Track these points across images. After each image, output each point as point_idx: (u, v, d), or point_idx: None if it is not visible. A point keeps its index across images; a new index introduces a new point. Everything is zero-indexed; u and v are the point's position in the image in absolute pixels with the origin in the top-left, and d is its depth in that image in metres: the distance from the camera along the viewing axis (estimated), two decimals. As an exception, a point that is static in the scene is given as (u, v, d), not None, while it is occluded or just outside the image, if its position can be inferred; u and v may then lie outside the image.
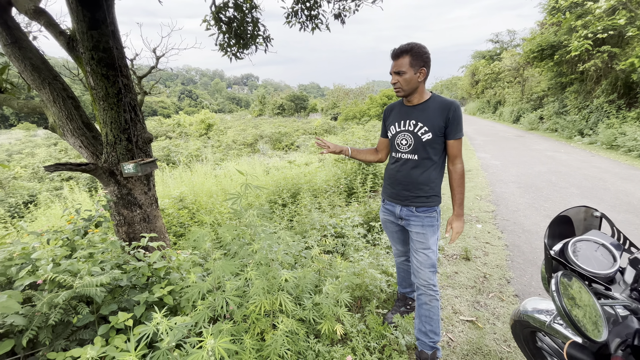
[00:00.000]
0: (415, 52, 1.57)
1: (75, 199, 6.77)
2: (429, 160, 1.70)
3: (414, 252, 1.81)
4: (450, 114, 1.61)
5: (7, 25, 2.72)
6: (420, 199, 1.74)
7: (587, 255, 0.90)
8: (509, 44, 31.58)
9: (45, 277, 1.35)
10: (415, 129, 1.68)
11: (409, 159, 1.73)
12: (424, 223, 1.75)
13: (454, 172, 1.71)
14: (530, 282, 2.67)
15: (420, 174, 1.72)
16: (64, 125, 2.95)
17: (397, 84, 1.64)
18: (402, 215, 1.82)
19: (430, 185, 1.73)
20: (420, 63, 1.59)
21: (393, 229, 1.98)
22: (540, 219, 4.06)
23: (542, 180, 6.01)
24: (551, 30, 13.64)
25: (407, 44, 1.60)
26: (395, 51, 1.62)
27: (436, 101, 1.66)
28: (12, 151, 17.52)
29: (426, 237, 1.75)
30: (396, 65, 1.61)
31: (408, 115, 1.71)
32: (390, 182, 1.86)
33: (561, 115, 14.00)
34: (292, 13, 4.30)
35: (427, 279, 1.77)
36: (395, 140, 1.77)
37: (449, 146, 1.68)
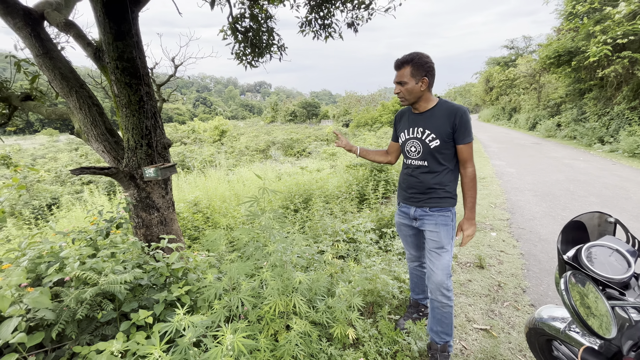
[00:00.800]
0: (416, 62, 1.60)
1: (95, 202, 7.02)
2: (440, 165, 1.73)
3: (428, 253, 1.82)
4: (457, 120, 1.62)
5: (39, 37, 2.90)
6: (433, 200, 1.77)
7: (601, 261, 0.90)
8: (524, 50, 31.13)
9: (73, 274, 1.43)
10: (422, 136, 1.71)
11: (419, 165, 1.77)
12: (438, 222, 1.77)
13: (464, 175, 1.73)
14: (547, 292, 2.61)
15: (432, 178, 1.75)
16: (88, 131, 3.10)
17: (400, 94, 1.69)
18: (417, 215, 1.85)
19: (444, 188, 1.75)
20: (422, 73, 1.62)
21: (407, 232, 1.99)
22: (557, 228, 3.96)
23: (560, 188, 5.86)
24: (568, 36, 13.38)
25: (409, 54, 1.64)
26: (397, 62, 1.66)
27: (442, 107, 1.68)
28: (36, 155, 18.33)
29: (439, 236, 1.76)
30: (398, 76, 1.66)
31: (415, 123, 1.75)
32: (404, 187, 1.90)
33: (580, 122, 13.63)
34: (306, 22, 4.41)
35: (440, 282, 1.75)
36: (405, 147, 1.81)
37: (459, 151, 1.70)
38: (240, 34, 4.16)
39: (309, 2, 4.24)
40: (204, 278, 1.86)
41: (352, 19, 4.48)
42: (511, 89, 26.98)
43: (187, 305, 1.54)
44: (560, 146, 12.07)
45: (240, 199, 6.13)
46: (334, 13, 4.41)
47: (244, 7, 4.11)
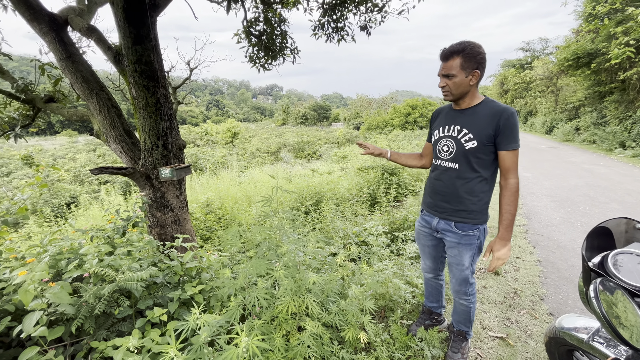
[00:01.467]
0: (467, 52, 1.41)
1: (111, 201, 7.21)
2: (473, 171, 1.53)
3: (449, 264, 1.76)
4: (502, 121, 1.43)
5: (63, 42, 3.01)
6: (460, 213, 1.58)
7: (629, 269, 0.86)
8: (541, 52, 30.46)
9: (92, 270, 1.46)
10: (458, 135, 1.54)
11: (449, 168, 1.59)
12: (461, 241, 1.61)
13: (504, 187, 1.51)
14: (566, 301, 2.52)
15: (462, 185, 1.56)
16: (107, 132, 3.19)
17: (446, 88, 1.50)
18: (439, 228, 1.70)
19: (473, 200, 1.55)
20: (473, 65, 1.43)
21: (426, 242, 1.85)
22: (577, 235, 3.83)
23: (579, 194, 5.68)
24: (588, 37, 13.03)
25: (459, 43, 1.44)
26: (444, 52, 1.46)
27: (487, 106, 1.50)
28: (56, 156, 19.01)
29: (461, 257, 1.64)
30: (445, 68, 1.46)
31: (454, 120, 1.58)
32: (429, 192, 1.74)
33: (600, 126, 13.21)
34: (319, 25, 4.43)
35: (459, 290, 1.76)
36: (437, 146, 1.64)
37: (501, 158, 1.50)
38: (254, 38, 4.22)
39: (322, 5, 4.26)
40: (217, 277, 1.88)
41: (365, 22, 4.48)
42: (527, 91, 26.43)
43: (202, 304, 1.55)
44: (579, 150, 11.71)
45: (251, 201, 6.19)
46: (347, 16, 4.42)
47: (258, 11, 4.16)
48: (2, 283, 1.50)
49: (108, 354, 1.34)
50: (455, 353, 1.89)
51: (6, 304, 1.40)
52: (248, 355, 0.91)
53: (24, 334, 1.15)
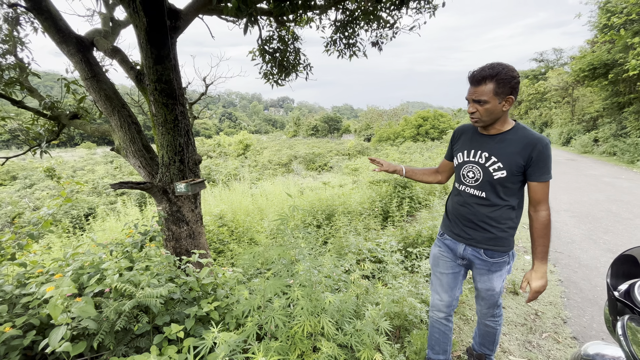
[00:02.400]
0: (502, 77, 1.30)
1: (127, 212, 7.39)
2: (500, 199, 1.46)
3: (476, 290, 1.68)
4: (535, 153, 1.34)
5: (89, 62, 3.18)
6: (489, 242, 1.51)
7: (660, 300, 0.83)
8: (555, 63, 30.10)
9: (114, 285, 1.50)
10: (486, 162, 1.44)
11: (474, 195, 1.51)
12: (492, 269, 1.54)
13: (535, 220, 1.44)
14: (591, 324, 2.41)
15: (489, 213, 1.48)
16: (127, 148, 3.30)
17: (476, 114, 1.39)
18: (466, 255, 1.60)
19: (502, 227, 1.48)
20: (507, 90, 1.32)
21: (446, 269, 1.69)
22: (600, 253, 3.68)
23: (600, 209, 5.48)
24: (604, 48, 12.84)
25: (491, 66, 1.32)
26: (475, 76, 1.35)
27: (519, 134, 1.40)
28: (76, 167, 19.73)
29: (491, 282, 1.57)
30: (476, 93, 1.35)
31: (480, 145, 1.48)
32: (453, 217, 1.62)
33: (620, 138, 12.82)
34: (331, 42, 4.53)
35: (488, 311, 1.71)
36: (462, 171, 1.55)
37: (531, 189, 1.42)
38: (268, 55, 4.34)
39: (335, 23, 4.37)
40: (232, 294, 1.89)
41: (376, 37, 4.55)
42: (541, 102, 26.03)
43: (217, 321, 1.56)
44: (599, 163, 11.36)
45: (263, 213, 6.23)
46: (359, 32, 4.50)
47: (272, 30, 4.30)
48: (29, 297, 1.55)
49: (126, 371, 1.36)
50: None
51: (32, 317, 1.45)
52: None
53: (49, 349, 1.19)
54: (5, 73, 3.56)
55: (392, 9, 4.05)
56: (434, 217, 4.33)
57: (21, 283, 1.67)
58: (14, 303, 1.56)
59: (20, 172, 17.76)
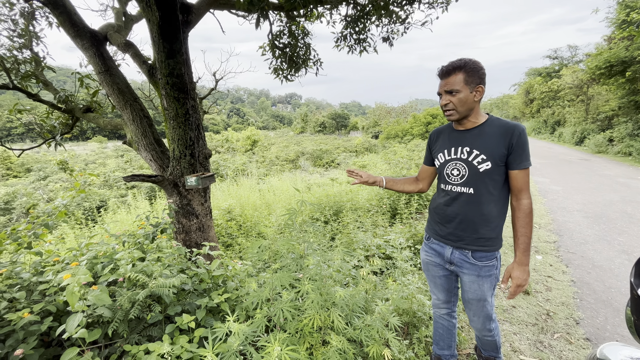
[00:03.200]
0: (469, 67, 1.36)
1: (138, 205, 7.51)
2: (489, 194, 1.44)
3: (466, 302, 1.61)
4: (514, 140, 1.36)
5: (102, 56, 3.21)
6: (478, 242, 1.48)
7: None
8: (569, 60, 29.33)
9: (127, 275, 1.53)
10: (469, 157, 1.44)
11: (462, 193, 1.48)
12: (481, 273, 1.50)
13: (518, 209, 1.42)
14: (605, 326, 2.36)
15: (477, 211, 1.46)
16: (139, 141, 3.34)
17: (449, 105, 1.41)
18: (454, 259, 1.56)
19: (490, 226, 1.46)
20: (477, 80, 1.37)
21: (437, 273, 1.68)
22: (614, 255, 3.60)
23: (615, 210, 5.35)
24: (621, 45, 12.45)
25: (459, 59, 1.39)
26: (444, 68, 1.40)
27: (495, 124, 1.42)
28: (88, 161, 20.11)
29: (482, 289, 1.52)
30: (448, 84, 1.39)
31: (460, 141, 1.48)
32: (439, 219, 1.59)
33: (636, 138, 12.47)
34: (341, 37, 4.49)
35: (482, 327, 1.64)
36: (445, 170, 1.53)
37: (512, 178, 1.41)
38: (278, 50, 4.33)
39: (345, 18, 4.33)
40: (242, 287, 1.91)
41: (387, 33, 4.50)
42: (554, 100, 25.45)
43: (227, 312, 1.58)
44: (613, 163, 11.07)
45: (271, 208, 6.27)
46: (370, 28, 4.45)
47: (283, 25, 4.28)
48: (45, 284, 1.59)
49: (140, 358, 1.38)
50: None
51: (48, 304, 1.48)
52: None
53: (66, 335, 1.22)
54: (22, 67, 3.63)
55: (404, 4, 3.99)
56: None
57: (37, 271, 1.71)
58: (31, 290, 1.60)
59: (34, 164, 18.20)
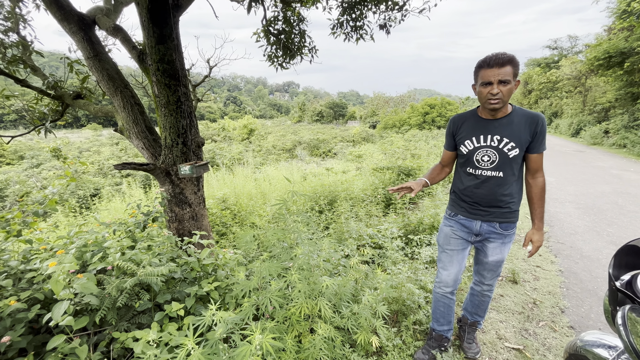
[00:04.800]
0: (516, 62, 1.49)
1: (132, 194, 7.47)
2: (513, 176, 1.64)
3: (486, 264, 1.81)
4: (539, 128, 1.55)
5: (91, 41, 3.13)
6: (504, 215, 1.69)
7: (661, 291, 0.82)
8: (569, 51, 29.11)
9: (115, 264, 1.53)
10: (500, 144, 1.59)
11: (492, 177, 1.65)
12: (505, 240, 1.74)
13: (535, 185, 1.67)
14: (589, 314, 2.42)
15: (505, 190, 1.65)
16: (130, 129, 3.29)
17: (499, 94, 1.49)
18: (482, 231, 1.75)
19: (514, 201, 1.68)
20: (517, 74, 1.52)
21: (457, 246, 1.82)
22: (602, 245, 3.66)
23: (606, 201, 5.41)
24: (621, 35, 12.36)
25: (504, 53, 1.49)
26: (501, 58, 1.46)
27: (520, 114, 1.58)
28: (82, 149, 19.87)
29: (502, 252, 1.76)
30: (501, 74, 1.46)
31: (489, 130, 1.61)
32: (469, 199, 1.74)
33: (631, 130, 12.52)
34: (337, 24, 4.40)
35: (492, 282, 1.87)
36: (475, 156, 1.66)
37: (532, 160, 1.63)
38: (272, 37, 4.24)
39: (342, 4, 4.23)
40: (232, 275, 1.92)
41: (384, 20, 4.41)
42: (552, 92, 25.39)
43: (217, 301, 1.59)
44: (608, 155, 11.15)
45: (266, 198, 6.26)
46: (366, 15, 4.36)
47: (277, 10, 4.18)
48: (33, 272, 1.59)
49: (129, 345, 1.40)
50: (471, 344, 2.02)
51: (36, 292, 1.48)
52: (261, 353, 0.92)
53: (53, 322, 1.22)
54: (8, 51, 3.53)
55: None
56: (436, 205, 4.31)
57: (26, 259, 1.71)
58: (19, 278, 1.60)
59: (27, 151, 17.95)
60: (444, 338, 1.96)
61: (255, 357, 0.92)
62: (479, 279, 1.91)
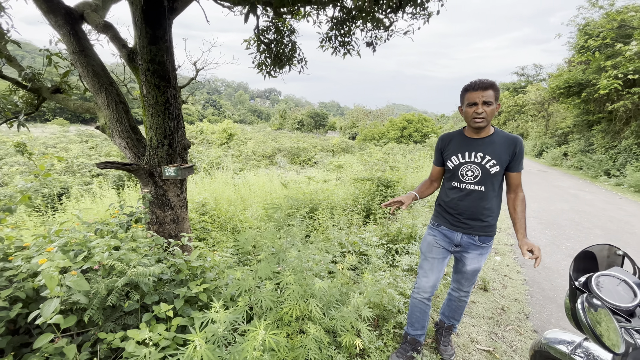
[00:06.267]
0: (496, 87, 1.68)
1: (104, 195, 7.13)
2: (493, 191, 1.78)
3: (464, 273, 1.94)
4: (517, 149, 1.72)
5: (77, 36, 3.06)
6: (484, 229, 1.82)
7: (609, 289, 0.98)
8: (534, 78, 31.45)
9: (106, 262, 1.51)
10: (482, 161, 1.74)
11: (474, 190, 1.79)
12: (482, 252, 1.87)
13: (517, 200, 1.80)
14: (549, 319, 2.64)
15: (485, 204, 1.79)
16: (113, 127, 3.22)
17: (483, 114, 1.67)
18: (462, 242, 1.88)
19: (493, 215, 1.82)
20: (498, 98, 1.70)
21: (438, 255, 1.94)
22: (561, 258, 4.00)
23: (565, 218, 5.90)
24: (579, 68, 13.60)
25: (486, 79, 1.68)
26: (485, 83, 1.66)
27: (501, 135, 1.76)
28: (48, 144, 18.63)
29: (479, 262, 1.89)
30: (486, 96, 1.65)
31: (473, 147, 1.77)
32: (453, 211, 1.87)
33: (587, 154, 13.70)
34: (326, 38, 4.57)
35: (467, 291, 2.02)
36: (460, 171, 1.81)
37: (513, 178, 1.79)
38: (263, 45, 4.32)
39: (332, 19, 4.40)
40: (220, 278, 1.93)
41: (371, 38, 4.63)
42: (519, 114, 27.21)
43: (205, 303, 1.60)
44: (566, 176, 12.10)
45: (246, 204, 6.21)
46: (354, 32, 4.56)
47: (269, 20, 4.28)
48: (12, 270, 1.53)
49: (116, 345, 1.38)
50: (446, 346, 2.15)
51: (17, 291, 1.43)
52: (263, 348, 0.97)
53: (41, 320, 1.19)
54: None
55: (389, 12, 4.14)
56: (414, 216, 4.51)
57: (5, 256, 1.64)
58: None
59: (-17, 145, 16.57)
60: (418, 342, 2.07)
61: (258, 352, 0.97)
62: (457, 286, 2.05)
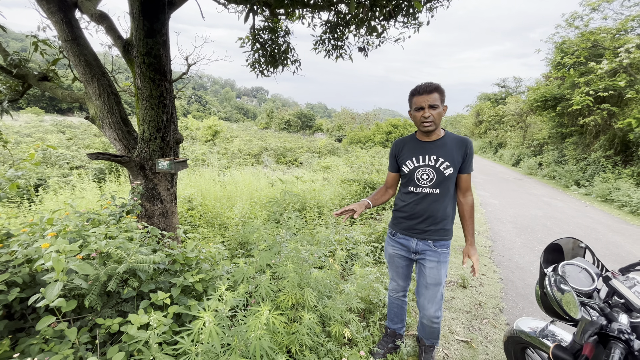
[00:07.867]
0: (441, 89, 1.68)
1: (84, 187, 6.93)
2: (448, 193, 1.76)
3: (423, 288, 1.86)
4: (468, 150, 1.72)
5: (70, 24, 3.02)
6: (439, 232, 1.79)
7: (572, 276, 1.13)
8: (514, 90, 32.85)
9: (105, 249, 1.54)
10: (436, 164, 1.73)
11: (430, 193, 1.76)
12: (440, 259, 1.81)
13: (465, 203, 1.79)
14: (522, 314, 2.85)
15: (440, 207, 1.76)
16: (104, 118, 3.19)
17: (431, 118, 1.66)
18: (418, 249, 1.84)
19: (448, 218, 1.79)
20: (444, 100, 1.70)
21: (401, 263, 1.96)
22: (533, 259, 4.27)
23: (538, 223, 6.26)
24: (555, 83, 14.38)
25: (431, 82, 1.68)
26: (429, 86, 1.66)
27: (452, 137, 1.75)
28: (22, 134, 17.74)
29: (439, 273, 1.81)
30: (431, 99, 1.64)
31: (426, 151, 1.76)
32: (407, 216, 1.85)
33: (560, 164, 14.47)
34: (320, 41, 4.68)
35: (433, 315, 1.88)
36: (415, 175, 1.78)
37: (462, 180, 1.77)
38: (258, 44, 4.38)
39: (326, 23, 4.51)
40: (215, 269, 1.98)
41: (363, 43, 4.77)
42: (499, 124, 28.30)
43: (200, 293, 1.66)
44: (540, 184, 12.75)
45: (233, 201, 6.21)
46: (348, 36, 4.68)
47: (264, 20, 4.34)
48: (7, 256, 1.53)
49: (114, 331, 1.42)
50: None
51: (14, 276, 1.44)
52: (267, 327, 1.05)
53: (44, 302, 1.22)
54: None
55: (381, 19, 4.30)
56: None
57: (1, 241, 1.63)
58: (-10, 261, 1.53)
59: (-51, 131, 15.55)
60: (398, 334, 2.19)
61: (262, 330, 1.05)
62: (423, 313, 1.93)
